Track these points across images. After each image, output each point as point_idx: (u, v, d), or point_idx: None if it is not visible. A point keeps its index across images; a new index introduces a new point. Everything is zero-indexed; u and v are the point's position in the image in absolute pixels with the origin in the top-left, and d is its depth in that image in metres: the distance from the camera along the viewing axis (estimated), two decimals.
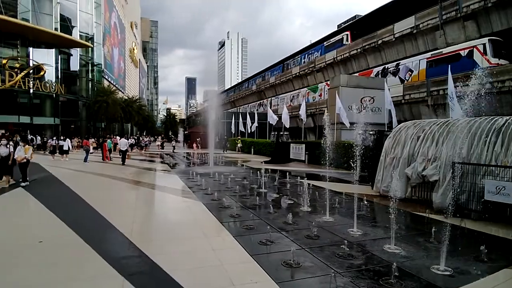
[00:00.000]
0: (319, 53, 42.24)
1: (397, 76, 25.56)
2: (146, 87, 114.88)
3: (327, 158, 9.77)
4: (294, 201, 8.44)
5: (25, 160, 10.17)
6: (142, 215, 7.33)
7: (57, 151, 20.85)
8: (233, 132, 37.00)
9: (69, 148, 20.10)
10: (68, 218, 6.46)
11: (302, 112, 24.01)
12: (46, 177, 12.51)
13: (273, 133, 23.20)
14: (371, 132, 11.60)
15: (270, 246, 4.95)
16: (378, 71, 27.84)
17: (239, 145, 31.98)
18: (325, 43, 41.73)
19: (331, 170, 15.14)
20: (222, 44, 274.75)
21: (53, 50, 35.69)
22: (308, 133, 33.99)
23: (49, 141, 25.35)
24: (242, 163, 19.32)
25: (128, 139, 24.27)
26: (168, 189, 10.49)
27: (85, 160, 18.07)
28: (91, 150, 20.62)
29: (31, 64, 33.04)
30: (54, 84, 34.85)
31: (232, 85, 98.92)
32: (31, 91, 32.70)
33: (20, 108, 32.52)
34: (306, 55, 46.33)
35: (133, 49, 78.69)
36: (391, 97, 18.95)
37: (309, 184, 9.31)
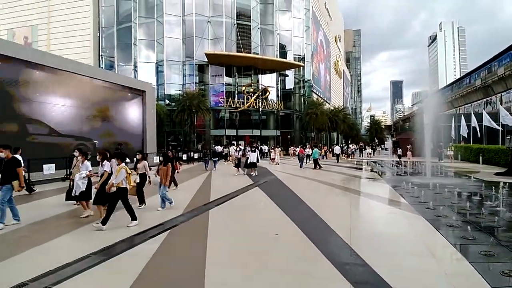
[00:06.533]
0: None
1: None
2: (350, 96, 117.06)
3: None
4: None
5: (114, 189, 6.40)
6: (358, 222, 7.35)
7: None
8: (453, 137, 31.24)
9: (257, 160, 17.12)
10: (293, 216, 7.35)
11: None
12: (272, 180, 14.92)
13: (508, 137, 17.53)
14: None
15: None
16: None
17: (449, 152, 26.86)
18: None
19: None
20: (433, 38, 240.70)
21: (275, 74, 43.03)
22: None
23: (234, 152, 20.69)
24: (468, 175, 15.92)
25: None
26: (381, 199, 10.04)
27: (301, 166, 20.38)
28: (276, 158, 22.89)
29: (260, 88, 41.26)
30: (275, 102, 42.03)
31: (448, 83, 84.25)
32: (260, 109, 40.83)
33: (253, 123, 41.23)
34: None
35: (337, 61, 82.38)
36: None
37: None
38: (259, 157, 17.20)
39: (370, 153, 37.00)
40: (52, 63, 15.85)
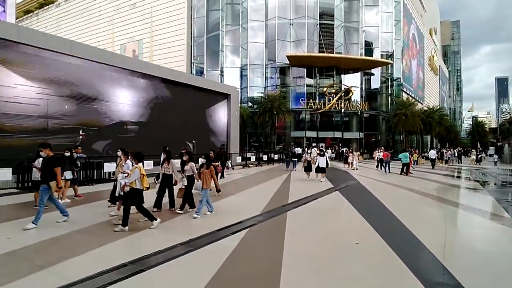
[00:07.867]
0: None
1: None
2: (448, 94, 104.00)
3: None
4: None
5: (127, 189, 6.12)
6: (454, 237, 6.49)
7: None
8: None
9: (327, 165, 14.95)
10: (376, 224, 6.84)
11: None
12: (354, 185, 14.22)
13: None
14: None
15: None
16: None
17: None
18: None
19: None
20: None
21: (359, 73, 41.00)
22: None
23: (304, 155, 19.41)
24: None
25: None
26: (482, 212, 8.71)
27: (386, 171, 19.01)
28: (354, 162, 21.58)
29: (342, 88, 39.83)
30: (359, 103, 40.02)
31: None
32: (342, 110, 39.42)
33: (334, 125, 39.99)
34: None
35: (432, 56, 74.08)
36: None
37: None
38: (328, 162, 15.23)
39: (477, 161, 32.14)
40: (173, 76, 19.44)
